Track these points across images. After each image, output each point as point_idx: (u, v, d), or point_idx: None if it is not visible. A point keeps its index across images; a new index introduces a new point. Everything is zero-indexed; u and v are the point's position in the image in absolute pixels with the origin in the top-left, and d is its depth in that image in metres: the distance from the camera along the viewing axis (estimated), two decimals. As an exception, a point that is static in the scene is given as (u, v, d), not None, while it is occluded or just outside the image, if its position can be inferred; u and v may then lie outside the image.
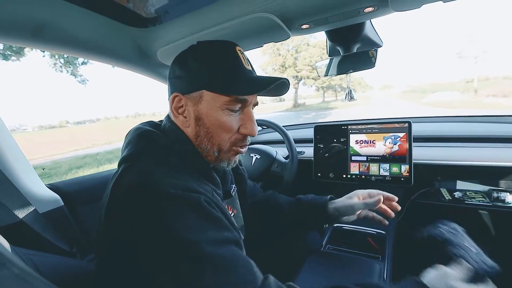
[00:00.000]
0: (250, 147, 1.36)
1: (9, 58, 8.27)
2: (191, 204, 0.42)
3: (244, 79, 0.53)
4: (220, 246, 0.41)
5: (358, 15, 0.71)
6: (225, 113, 0.53)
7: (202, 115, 0.54)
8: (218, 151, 0.56)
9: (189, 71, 0.54)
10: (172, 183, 0.44)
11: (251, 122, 0.56)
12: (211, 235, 0.41)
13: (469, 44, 41.17)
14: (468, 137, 1.15)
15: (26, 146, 14.43)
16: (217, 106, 0.53)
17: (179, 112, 0.56)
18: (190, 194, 0.43)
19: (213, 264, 0.38)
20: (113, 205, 0.44)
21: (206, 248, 0.38)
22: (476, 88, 29.51)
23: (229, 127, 0.54)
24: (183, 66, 0.55)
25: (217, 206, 0.47)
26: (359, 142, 1.10)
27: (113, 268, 0.43)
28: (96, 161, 8.50)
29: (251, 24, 0.72)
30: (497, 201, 1.01)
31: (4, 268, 0.20)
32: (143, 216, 0.40)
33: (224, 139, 0.55)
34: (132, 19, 0.76)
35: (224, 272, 0.38)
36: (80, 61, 9.70)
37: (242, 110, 0.56)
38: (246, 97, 0.54)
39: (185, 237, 0.38)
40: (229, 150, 0.57)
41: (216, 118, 0.53)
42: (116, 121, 66.68)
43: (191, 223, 0.40)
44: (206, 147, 0.55)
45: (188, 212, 0.41)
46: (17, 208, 0.75)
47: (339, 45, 0.94)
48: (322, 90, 43.04)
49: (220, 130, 0.54)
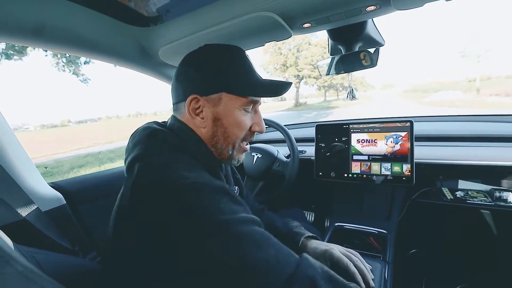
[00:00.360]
0: (252, 146, 1.36)
1: (11, 57, 8.31)
2: (218, 189, 0.45)
3: (258, 82, 0.58)
4: (252, 225, 0.44)
5: (360, 14, 0.70)
6: (242, 114, 0.58)
7: (220, 115, 0.57)
8: (232, 149, 0.60)
9: (206, 74, 0.56)
10: (193, 175, 0.46)
11: (261, 120, 0.63)
12: (243, 216, 0.44)
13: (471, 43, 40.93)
14: (470, 137, 1.14)
15: (29, 145, 14.50)
16: (236, 107, 0.57)
17: (196, 113, 0.57)
18: (213, 181, 0.47)
19: (252, 239, 0.41)
20: (138, 204, 0.44)
21: (242, 227, 0.42)
22: (479, 87, 29.37)
23: (245, 126, 0.59)
24: (198, 69, 0.56)
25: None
26: (361, 141, 1.10)
27: (135, 268, 0.42)
28: (98, 160, 8.53)
29: (252, 23, 0.72)
30: (499, 201, 1.01)
31: (8, 265, 0.20)
32: (175, 210, 0.40)
33: (239, 137, 0.59)
34: (134, 18, 0.77)
35: (262, 246, 0.41)
36: (82, 60, 9.74)
37: (254, 110, 0.61)
38: (259, 99, 0.60)
39: (221, 219, 0.41)
40: (240, 147, 0.61)
41: (234, 118, 0.57)
42: (118, 120, 66.87)
43: (223, 206, 0.43)
44: (222, 146, 0.59)
45: (217, 196, 0.44)
46: (19, 206, 0.75)
47: (341, 44, 0.94)
48: (323, 89, 42.98)
49: (237, 129, 0.58)
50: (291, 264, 0.43)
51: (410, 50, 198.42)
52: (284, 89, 0.62)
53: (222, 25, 0.73)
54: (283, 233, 0.79)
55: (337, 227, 1.14)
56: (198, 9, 0.70)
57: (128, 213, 0.45)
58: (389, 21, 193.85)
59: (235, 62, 0.58)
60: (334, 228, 1.14)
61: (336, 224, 1.15)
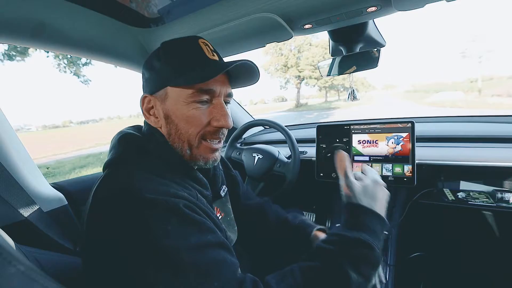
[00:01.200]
0: (253, 147, 1.36)
1: (14, 58, 8.35)
2: (171, 209, 0.41)
3: (202, 67, 0.52)
4: (202, 251, 0.40)
5: (361, 14, 0.71)
6: (192, 107, 0.52)
7: (169, 112, 0.53)
8: (189, 148, 0.54)
9: (153, 71, 0.54)
10: (152, 188, 0.43)
11: (222, 113, 0.54)
12: (192, 241, 0.40)
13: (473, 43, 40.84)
14: (471, 137, 1.14)
15: (30, 145, 14.56)
16: (182, 100, 0.52)
17: (150, 113, 0.56)
18: (169, 199, 0.42)
19: (194, 270, 0.38)
20: (94, 210, 0.44)
21: (187, 254, 0.38)
22: (480, 88, 29.26)
23: (197, 121, 0.53)
24: (148, 68, 0.56)
25: (201, 209, 0.47)
26: (362, 142, 1.09)
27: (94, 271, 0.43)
28: (99, 161, 8.54)
29: (253, 24, 0.72)
30: (501, 202, 1.00)
31: (10, 265, 0.20)
32: (123, 223, 0.39)
33: (193, 134, 0.53)
34: (135, 19, 0.77)
35: (206, 278, 0.38)
36: (83, 61, 9.77)
37: (211, 102, 0.54)
38: (211, 88, 0.52)
39: (165, 244, 0.38)
40: (199, 145, 0.54)
41: (182, 113, 0.52)
42: (119, 121, 67.00)
43: (171, 229, 0.40)
44: (178, 146, 0.54)
45: (168, 217, 0.41)
46: (21, 206, 0.76)
47: (341, 45, 0.94)
48: (324, 90, 42.92)
49: (188, 125, 0.53)
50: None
51: (411, 50, 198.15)
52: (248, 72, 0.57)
53: (223, 26, 0.74)
54: (295, 225, 0.77)
55: (339, 227, 1.14)
56: (199, 10, 0.71)
57: (87, 218, 0.45)
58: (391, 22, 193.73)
59: (179, 52, 0.53)
60: (335, 228, 1.14)
61: (337, 225, 1.15)
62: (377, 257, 0.48)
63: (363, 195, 0.57)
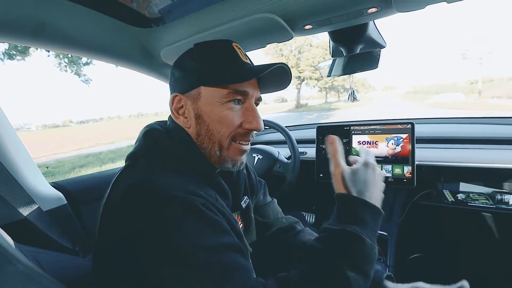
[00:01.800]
0: (252, 147, 1.36)
1: (14, 57, 8.36)
2: (189, 207, 0.41)
3: (239, 68, 0.52)
4: (217, 253, 0.39)
5: (362, 15, 0.71)
6: (225, 107, 0.52)
7: (201, 112, 0.52)
8: (219, 150, 0.53)
9: (186, 71, 0.54)
10: (171, 184, 0.43)
11: (254, 115, 0.54)
12: (208, 241, 0.40)
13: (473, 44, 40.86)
14: (471, 139, 1.14)
15: (30, 145, 14.55)
16: (216, 101, 0.51)
17: (180, 113, 0.55)
18: (188, 196, 0.42)
19: (208, 272, 0.37)
20: (111, 203, 0.44)
21: (202, 255, 0.38)
22: (481, 90, 29.27)
23: (230, 122, 0.52)
24: (181, 68, 0.55)
25: (219, 211, 0.46)
26: (362, 143, 1.10)
27: (107, 265, 0.42)
28: (99, 160, 8.54)
29: (254, 25, 0.72)
30: (501, 203, 1.00)
31: (10, 264, 0.20)
32: (140, 217, 0.39)
33: (224, 135, 0.52)
34: (136, 19, 0.77)
35: (219, 281, 0.37)
36: (84, 61, 9.78)
37: (244, 104, 0.54)
38: (246, 89, 0.52)
39: (181, 243, 0.38)
40: (229, 146, 0.54)
41: (215, 114, 0.52)
42: (119, 121, 67.01)
43: (188, 228, 0.39)
44: (208, 146, 0.53)
45: (186, 216, 0.40)
46: (21, 205, 0.76)
47: (342, 45, 0.94)
48: (324, 91, 42.97)
49: (220, 126, 0.52)
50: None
51: (412, 51, 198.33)
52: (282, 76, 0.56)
53: (223, 26, 0.74)
54: None
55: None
56: (200, 10, 0.71)
57: (102, 210, 0.45)
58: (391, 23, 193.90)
59: (214, 53, 0.53)
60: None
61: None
62: (370, 249, 0.45)
63: (352, 181, 0.53)
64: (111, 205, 0.44)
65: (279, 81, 0.58)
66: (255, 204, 0.77)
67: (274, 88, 0.61)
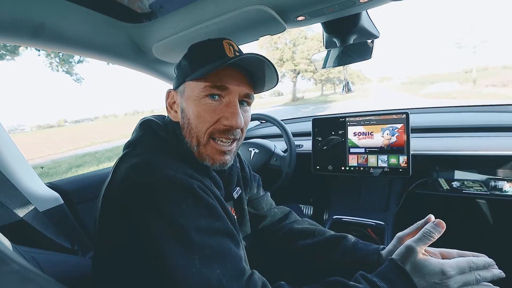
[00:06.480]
0: (249, 142, 1.36)
1: (3, 57, 8.18)
2: (187, 188, 0.43)
3: (216, 61, 0.51)
4: (210, 235, 0.41)
5: (354, 5, 0.70)
6: (203, 102, 0.52)
7: (184, 106, 0.55)
8: (197, 145, 0.53)
9: (179, 69, 0.57)
10: (170, 166, 0.45)
11: (232, 111, 0.51)
12: (203, 223, 0.42)
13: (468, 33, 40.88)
14: (465, 127, 1.15)
15: (25, 146, 14.40)
16: (194, 95, 0.52)
17: (172, 107, 0.58)
18: (186, 178, 0.44)
19: (201, 252, 0.39)
20: (112, 185, 0.46)
21: (196, 235, 0.40)
22: (475, 78, 29.43)
23: (206, 116, 0.51)
24: (177, 67, 0.59)
25: (215, 196, 0.48)
26: (357, 134, 1.10)
27: (107, 242, 0.45)
28: (96, 160, 8.49)
29: (246, 17, 0.71)
30: (495, 190, 1.02)
31: (4, 264, 0.20)
32: (140, 197, 0.41)
33: (202, 131, 0.52)
34: (127, 15, 0.76)
35: (210, 262, 0.39)
36: (76, 59, 9.60)
37: (224, 100, 0.52)
38: (224, 84, 0.51)
39: (178, 221, 0.40)
40: (207, 143, 0.53)
41: (194, 107, 0.52)
42: (115, 119, 66.44)
43: (185, 207, 0.41)
44: (188, 141, 0.54)
45: (183, 196, 0.42)
46: (17, 207, 0.75)
47: (335, 36, 0.94)
48: (320, 84, 42.92)
49: (198, 120, 0.52)
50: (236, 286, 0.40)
51: (406, 42, 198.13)
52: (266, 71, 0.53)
53: (215, 19, 0.73)
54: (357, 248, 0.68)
55: (336, 219, 1.15)
56: (191, 4, 0.70)
57: (104, 193, 0.47)
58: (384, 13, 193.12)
59: (200, 51, 0.55)
60: (333, 220, 1.15)
61: (335, 217, 1.16)
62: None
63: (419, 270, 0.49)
64: (113, 187, 0.46)
65: (268, 78, 0.56)
66: (249, 197, 0.78)
67: (264, 85, 0.59)
